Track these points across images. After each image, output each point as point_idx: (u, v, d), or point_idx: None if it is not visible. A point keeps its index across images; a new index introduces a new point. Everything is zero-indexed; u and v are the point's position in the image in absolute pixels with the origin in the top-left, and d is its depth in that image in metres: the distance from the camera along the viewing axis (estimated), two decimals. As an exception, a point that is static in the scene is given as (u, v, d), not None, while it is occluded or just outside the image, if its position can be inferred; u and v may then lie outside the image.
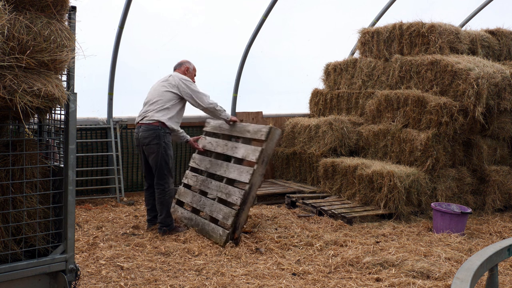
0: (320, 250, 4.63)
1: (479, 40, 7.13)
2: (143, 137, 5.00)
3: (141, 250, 4.55)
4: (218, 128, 5.55)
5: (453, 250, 4.66)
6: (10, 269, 2.77)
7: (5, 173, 2.85)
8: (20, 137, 3.07)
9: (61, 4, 2.75)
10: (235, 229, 4.68)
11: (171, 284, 3.73)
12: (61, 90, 2.71)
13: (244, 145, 5.04)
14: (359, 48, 7.90)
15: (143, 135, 5.00)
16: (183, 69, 5.32)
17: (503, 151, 6.68)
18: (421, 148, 6.11)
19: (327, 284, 3.81)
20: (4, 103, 2.49)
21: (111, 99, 6.90)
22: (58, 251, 2.98)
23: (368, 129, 6.95)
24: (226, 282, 3.79)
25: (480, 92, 5.90)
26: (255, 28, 7.65)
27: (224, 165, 5.15)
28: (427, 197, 6.04)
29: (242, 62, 7.91)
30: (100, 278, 3.82)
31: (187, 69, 5.31)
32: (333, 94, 8.13)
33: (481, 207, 6.42)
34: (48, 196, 3.04)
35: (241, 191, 4.74)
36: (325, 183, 6.92)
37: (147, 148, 5.00)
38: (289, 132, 7.98)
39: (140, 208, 6.31)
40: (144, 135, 4.99)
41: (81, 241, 4.70)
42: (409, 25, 6.99)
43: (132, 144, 7.05)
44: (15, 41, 2.51)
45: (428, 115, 6.16)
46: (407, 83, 6.81)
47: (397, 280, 3.82)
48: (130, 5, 6.32)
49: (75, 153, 2.98)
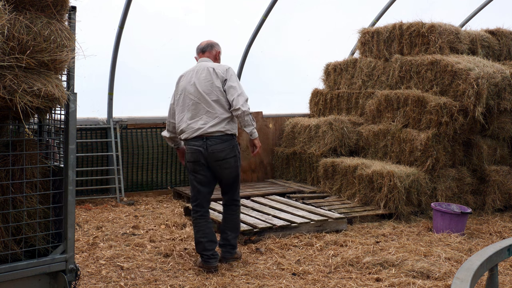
0: (320, 250, 4.63)
1: (479, 40, 7.13)
2: (218, 151, 4.01)
3: (141, 250, 4.55)
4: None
5: (453, 250, 4.66)
6: (10, 269, 2.77)
7: (5, 173, 2.85)
8: (20, 137, 3.07)
9: (61, 4, 2.75)
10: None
11: (171, 284, 3.73)
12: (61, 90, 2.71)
13: None
14: (359, 48, 7.90)
15: (217, 148, 4.01)
16: (215, 53, 4.34)
17: (503, 151, 6.68)
18: (421, 148, 6.11)
19: (327, 284, 3.81)
20: (4, 103, 2.49)
21: (111, 99, 6.90)
22: (58, 251, 2.97)
23: (368, 129, 6.95)
24: (226, 282, 3.79)
25: (480, 92, 5.89)
26: (255, 28, 7.65)
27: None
28: (427, 197, 6.04)
29: (242, 62, 7.91)
30: (100, 278, 3.82)
31: (218, 53, 4.37)
32: (333, 94, 8.13)
33: (481, 207, 6.41)
34: (48, 196, 3.04)
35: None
36: (325, 183, 6.92)
37: (223, 163, 4.04)
38: (289, 132, 7.98)
39: (140, 208, 6.31)
40: (218, 148, 4.01)
41: (81, 241, 4.70)
42: (409, 25, 6.99)
43: (132, 144, 7.05)
44: (15, 41, 2.51)
45: (428, 115, 6.16)
46: (407, 83, 6.81)
47: (397, 280, 3.82)
48: (130, 5, 6.32)
49: (75, 153, 2.97)
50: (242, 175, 7.83)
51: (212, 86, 4.04)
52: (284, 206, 5.94)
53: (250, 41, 7.74)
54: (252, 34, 7.70)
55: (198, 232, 4.09)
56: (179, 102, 4.15)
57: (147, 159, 7.16)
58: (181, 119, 4.12)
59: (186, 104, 4.10)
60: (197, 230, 4.10)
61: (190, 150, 4.07)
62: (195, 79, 4.08)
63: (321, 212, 5.55)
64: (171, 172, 7.40)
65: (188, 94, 4.09)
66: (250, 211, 5.68)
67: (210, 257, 4.04)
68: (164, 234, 5.08)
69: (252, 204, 6.09)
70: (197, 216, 4.11)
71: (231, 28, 7.68)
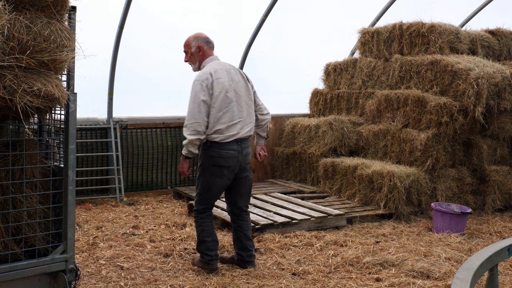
0: (320, 250, 4.63)
1: (479, 40, 7.12)
2: (249, 153, 4.03)
3: (141, 250, 4.55)
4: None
5: (453, 250, 4.66)
6: (10, 269, 2.77)
7: (5, 173, 2.85)
8: (20, 137, 3.07)
9: (61, 4, 2.75)
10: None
11: (171, 284, 3.73)
12: (61, 90, 2.71)
13: None
14: (359, 48, 7.90)
15: (248, 151, 4.02)
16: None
17: (503, 151, 6.68)
18: (421, 148, 6.11)
19: (327, 284, 3.81)
20: (4, 103, 2.49)
21: (111, 99, 6.90)
22: (58, 251, 2.97)
23: (368, 129, 6.95)
24: (226, 282, 3.79)
25: (480, 92, 5.90)
26: (255, 28, 7.65)
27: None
28: (427, 197, 6.04)
29: (242, 62, 7.91)
30: (100, 278, 3.82)
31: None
32: (333, 94, 8.13)
33: (481, 207, 6.41)
34: (48, 196, 3.04)
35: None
36: (325, 183, 6.92)
37: (247, 167, 4.06)
38: (289, 132, 7.98)
39: (140, 208, 6.31)
40: (249, 150, 4.03)
41: (81, 241, 4.70)
42: (409, 25, 6.99)
43: (132, 144, 7.05)
44: (15, 41, 2.51)
45: (428, 115, 6.16)
46: (407, 83, 6.81)
47: (397, 280, 3.82)
48: (130, 5, 6.32)
49: (75, 153, 2.97)
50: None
51: (247, 89, 4.02)
52: (285, 203, 5.98)
53: (250, 41, 7.74)
54: (252, 34, 7.70)
55: (202, 231, 4.00)
56: (217, 101, 3.85)
57: (147, 159, 7.16)
58: (218, 120, 3.85)
59: (224, 104, 3.86)
60: (201, 229, 4.01)
61: (225, 155, 3.86)
62: (231, 80, 3.93)
63: (321, 209, 5.62)
64: (171, 172, 7.40)
65: (227, 94, 3.88)
66: (252, 208, 5.72)
67: (214, 258, 3.98)
68: (164, 234, 5.08)
69: (254, 201, 6.13)
70: (205, 216, 4.02)
71: (231, 28, 7.68)
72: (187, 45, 4.09)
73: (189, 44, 4.07)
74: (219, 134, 3.85)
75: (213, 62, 4.02)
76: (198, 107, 3.80)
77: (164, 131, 7.27)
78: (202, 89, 3.82)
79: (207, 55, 4.06)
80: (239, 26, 7.78)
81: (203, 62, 4.05)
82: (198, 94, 3.81)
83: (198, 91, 3.82)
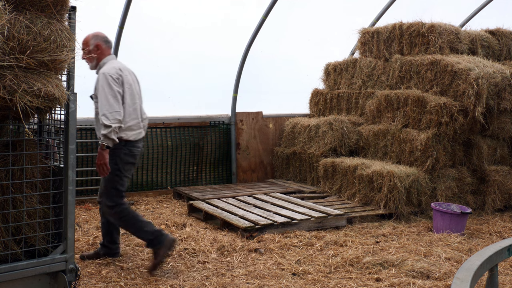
0: (320, 250, 4.63)
1: (479, 40, 7.13)
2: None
3: (141, 250, 4.55)
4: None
5: (453, 250, 4.66)
6: (10, 269, 2.77)
7: (5, 173, 2.85)
8: (20, 137, 3.07)
9: (61, 4, 2.75)
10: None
11: (171, 284, 3.73)
12: (61, 90, 2.71)
13: None
14: (359, 48, 7.90)
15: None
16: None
17: (503, 151, 6.68)
18: (421, 148, 6.11)
19: (327, 284, 3.81)
20: (4, 103, 2.49)
21: (111, 99, 6.88)
22: (58, 251, 2.98)
23: (368, 129, 6.95)
24: (226, 282, 3.79)
25: (480, 92, 5.90)
26: (255, 28, 7.65)
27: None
28: (427, 197, 6.04)
29: (242, 62, 7.91)
30: (100, 278, 3.82)
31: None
32: (333, 94, 8.13)
33: (481, 207, 6.41)
34: (48, 196, 3.04)
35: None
36: (325, 183, 6.92)
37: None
38: (289, 132, 7.98)
39: (140, 208, 6.31)
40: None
41: (81, 241, 4.70)
42: (409, 25, 7.00)
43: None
44: (15, 41, 2.51)
45: (428, 115, 6.16)
46: (407, 83, 6.81)
47: (397, 280, 3.82)
48: (130, 6, 6.32)
49: (75, 153, 2.98)
50: (242, 175, 7.85)
51: (140, 91, 4.18)
52: (285, 203, 5.98)
53: (250, 41, 7.74)
54: (252, 34, 7.70)
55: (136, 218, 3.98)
56: (127, 96, 3.95)
57: (147, 159, 7.16)
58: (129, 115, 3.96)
59: (133, 101, 4.01)
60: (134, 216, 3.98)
61: (137, 152, 4.09)
62: (134, 80, 4.11)
63: (321, 209, 5.62)
64: (171, 172, 7.40)
65: (133, 92, 4.03)
66: (252, 208, 5.72)
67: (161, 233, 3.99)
68: (164, 234, 5.07)
69: (254, 201, 6.12)
70: (128, 206, 4.03)
71: (231, 29, 7.68)
72: (86, 43, 4.08)
73: (88, 42, 4.07)
74: (131, 131, 4.00)
75: (114, 61, 4.09)
76: (115, 98, 3.84)
77: (164, 131, 7.27)
78: (116, 82, 3.88)
79: (105, 53, 4.09)
80: (239, 26, 7.78)
81: (102, 61, 4.07)
82: (113, 85, 3.85)
83: (112, 83, 3.85)
